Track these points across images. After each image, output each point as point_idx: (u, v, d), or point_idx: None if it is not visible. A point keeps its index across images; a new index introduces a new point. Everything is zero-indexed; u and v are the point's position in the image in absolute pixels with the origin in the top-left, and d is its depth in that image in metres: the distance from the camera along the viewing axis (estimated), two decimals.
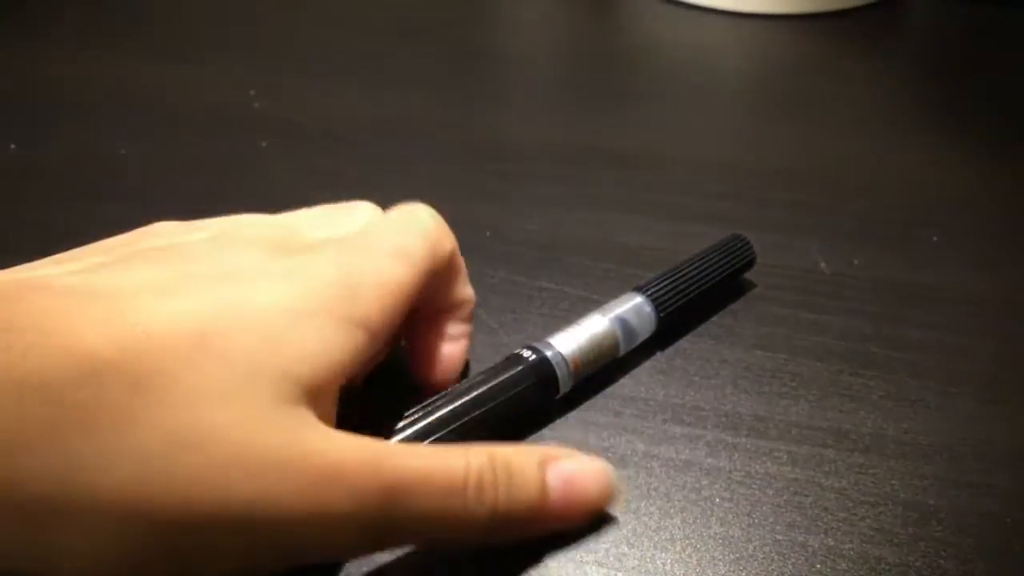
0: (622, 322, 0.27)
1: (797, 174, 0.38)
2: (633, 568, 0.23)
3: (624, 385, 0.28)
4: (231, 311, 0.18)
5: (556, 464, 0.22)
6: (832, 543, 0.23)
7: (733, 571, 0.22)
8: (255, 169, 0.38)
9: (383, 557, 0.22)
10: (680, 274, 0.29)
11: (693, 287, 0.29)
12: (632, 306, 0.28)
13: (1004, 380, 0.28)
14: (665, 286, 0.28)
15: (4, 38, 0.48)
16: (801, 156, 0.39)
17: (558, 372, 0.25)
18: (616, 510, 0.23)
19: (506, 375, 0.25)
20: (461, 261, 0.26)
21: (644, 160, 0.38)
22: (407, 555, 0.22)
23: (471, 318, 0.27)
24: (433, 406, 0.24)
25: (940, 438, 0.26)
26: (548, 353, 0.25)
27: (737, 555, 0.23)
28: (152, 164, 0.39)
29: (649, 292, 0.28)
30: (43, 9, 0.51)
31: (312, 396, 0.19)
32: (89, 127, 0.41)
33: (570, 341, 0.26)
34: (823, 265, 0.32)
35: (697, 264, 0.29)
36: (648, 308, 0.28)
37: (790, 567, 0.23)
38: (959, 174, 0.38)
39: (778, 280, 0.32)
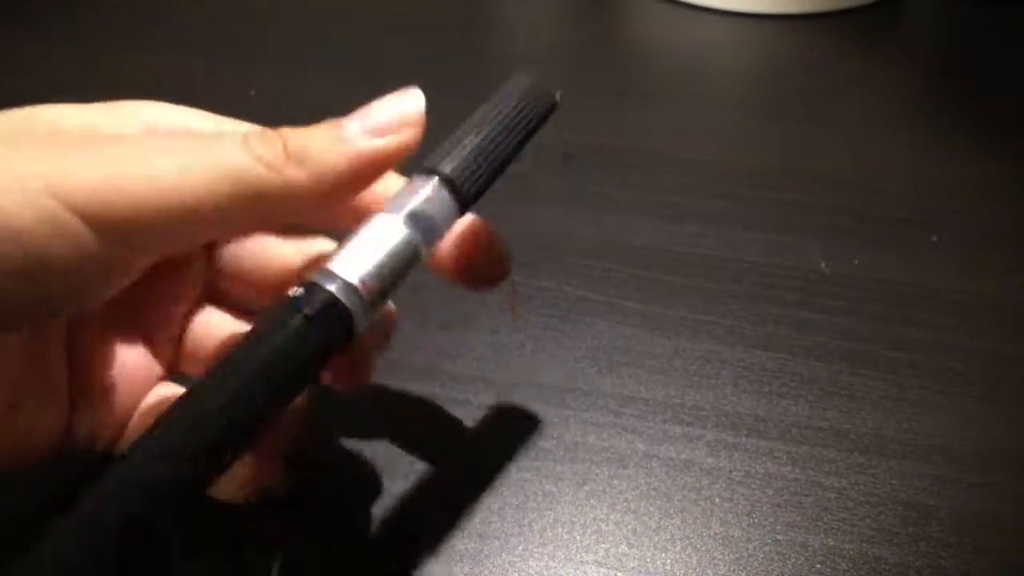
0: (418, 220, 0.20)
1: (797, 174, 0.38)
2: (633, 568, 0.23)
3: (624, 385, 0.28)
4: None
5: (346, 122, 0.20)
6: (832, 543, 0.23)
7: (733, 571, 0.22)
8: None
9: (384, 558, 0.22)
10: (475, 142, 0.22)
11: (495, 155, 0.22)
12: (427, 197, 0.21)
13: (1004, 380, 0.28)
14: (464, 161, 0.21)
15: (4, 38, 0.48)
16: (801, 156, 0.39)
17: (353, 312, 0.19)
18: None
19: (278, 335, 0.18)
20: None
21: (644, 160, 0.38)
22: (403, 552, 0.22)
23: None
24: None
25: (940, 438, 0.26)
26: (331, 287, 0.19)
27: (737, 555, 0.23)
28: None
29: (446, 173, 0.21)
30: (43, 9, 0.51)
31: None
32: None
33: (358, 263, 0.19)
34: (823, 265, 0.32)
35: (492, 124, 0.22)
36: (447, 194, 0.21)
37: (790, 567, 0.23)
38: (959, 174, 0.38)
39: (778, 280, 0.32)
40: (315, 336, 0.19)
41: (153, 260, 0.20)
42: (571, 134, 0.40)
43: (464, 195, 0.21)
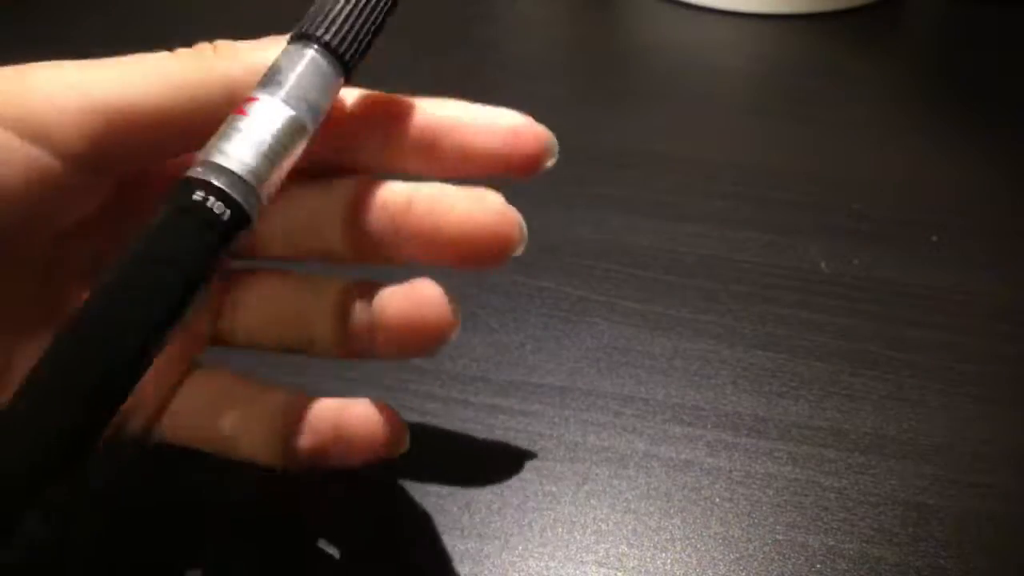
0: (300, 99, 0.19)
1: (797, 174, 0.38)
2: (633, 568, 0.23)
3: (624, 385, 0.28)
4: None
5: None
6: (832, 543, 0.23)
7: (733, 571, 0.22)
8: None
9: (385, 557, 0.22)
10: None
11: (374, 15, 0.21)
12: (306, 70, 0.19)
13: (1004, 380, 0.28)
14: (341, 23, 0.20)
15: (7, 42, 0.48)
16: (801, 156, 0.39)
17: (243, 203, 0.18)
18: None
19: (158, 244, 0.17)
20: None
21: (644, 160, 0.38)
22: (403, 552, 0.22)
23: None
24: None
25: (940, 438, 0.26)
26: (217, 181, 0.17)
27: (737, 555, 0.23)
28: None
29: (326, 39, 0.20)
30: (45, 12, 0.51)
31: None
32: None
33: (246, 156, 0.18)
34: (823, 265, 0.32)
35: None
36: (328, 63, 0.20)
37: (790, 567, 0.23)
38: (959, 174, 0.38)
39: (778, 280, 0.32)
40: (204, 237, 0.17)
41: (107, 178, 0.19)
42: (572, 134, 0.40)
43: (347, 61, 0.20)
